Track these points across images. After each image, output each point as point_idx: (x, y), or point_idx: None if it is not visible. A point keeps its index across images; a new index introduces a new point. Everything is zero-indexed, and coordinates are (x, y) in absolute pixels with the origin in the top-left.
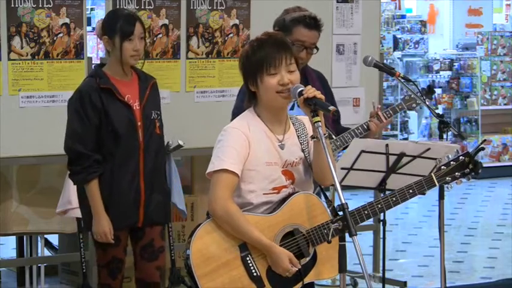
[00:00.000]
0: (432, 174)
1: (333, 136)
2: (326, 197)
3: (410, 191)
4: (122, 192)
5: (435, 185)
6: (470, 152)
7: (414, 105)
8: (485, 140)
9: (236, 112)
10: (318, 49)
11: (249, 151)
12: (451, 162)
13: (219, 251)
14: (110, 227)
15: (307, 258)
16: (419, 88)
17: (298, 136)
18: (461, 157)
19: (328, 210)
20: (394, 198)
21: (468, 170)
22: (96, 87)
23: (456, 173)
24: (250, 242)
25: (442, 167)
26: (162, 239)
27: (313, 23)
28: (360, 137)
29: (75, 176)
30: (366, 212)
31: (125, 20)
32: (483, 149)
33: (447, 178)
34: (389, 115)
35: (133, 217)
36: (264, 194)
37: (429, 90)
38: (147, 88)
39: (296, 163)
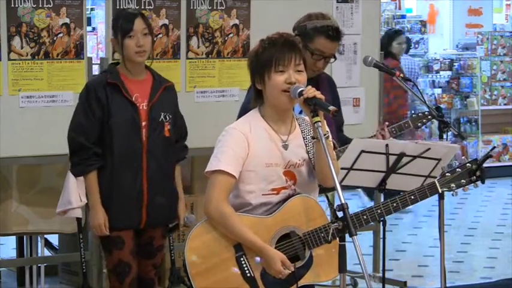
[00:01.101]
0: (436, 181)
1: (337, 146)
2: (328, 200)
3: (412, 197)
4: (122, 191)
5: (438, 192)
6: (479, 159)
7: (420, 124)
8: (494, 147)
9: (242, 112)
10: (335, 58)
11: (248, 152)
12: (457, 169)
13: (213, 250)
14: (106, 219)
15: (303, 261)
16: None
17: (303, 137)
18: (468, 164)
19: (328, 213)
20: (394, 204)
21: (475, 177)
22: (104, 81)
23: (462, 180)
24: (244, 244)
25: (447, 174)
26: (163, 238)
27: (335, 35)
28: None
29: (74, 167)
30: (365, 216)
31: (124, 18)
32: (491, 156)
33: (452, 185)
34: (394, 132)
35: (136, 218)
36: (262, 194)
37: (437, 111)
38: (159, 89)
39: (299, 164)
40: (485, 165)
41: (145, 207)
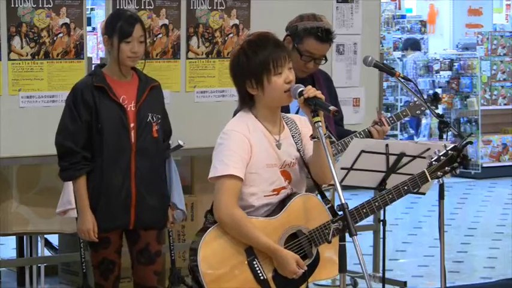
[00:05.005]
0: (425, 170)
1: (334, 139)
2: (325, 197)
3: (405, 187)
4: (111, 192)
5: (428, 181)
6: (458, 145)
7: (418, 112)
8: (471, 134)
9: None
10: (326, 60)
11: (251, 154)
12: (441, 157)
13: (226, 256)
14: (94, 225)
15: (311, 259)
16: (423, 93)
17: (292, 136)
18: (449, 151)
19: (327, 210)
20: (390, 196)
21: (456, 163)
22: (90, 85)
23: (446, 168)
24: (257, 247)
25: (434, 163)
26: (159, 242)
27: (325, 37)
28: None
29: (62, 172)
30: (364, 210)
31: (124, 21)
32: (471, 143)
33: (438, 173)
34: (392, 121)
35: (123, 219)
36: (264, 196)
37: (435, 98)
38: (145, 90)
39: (293, 164)
40: (485, 165)
41: (134, 208)
